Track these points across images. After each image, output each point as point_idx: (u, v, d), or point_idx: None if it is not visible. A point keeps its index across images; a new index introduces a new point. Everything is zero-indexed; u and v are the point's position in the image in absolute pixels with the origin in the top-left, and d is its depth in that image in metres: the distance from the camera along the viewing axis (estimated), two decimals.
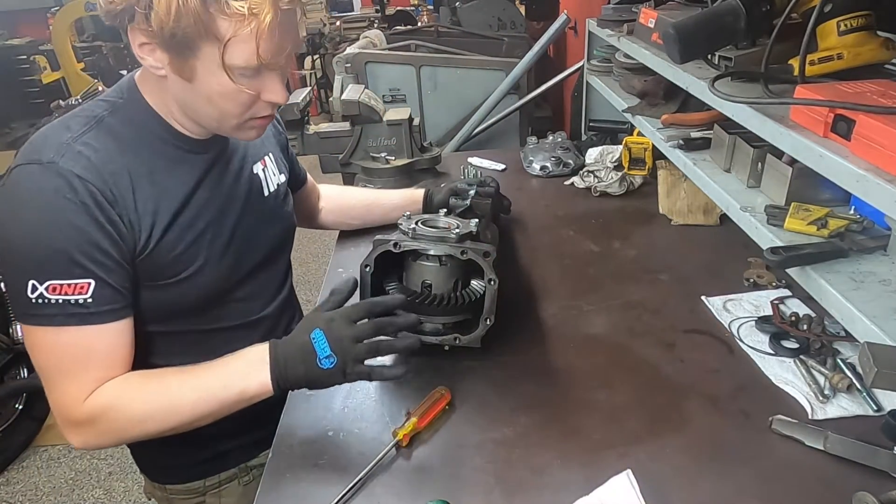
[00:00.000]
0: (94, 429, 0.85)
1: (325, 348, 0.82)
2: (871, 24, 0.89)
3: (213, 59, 0.78)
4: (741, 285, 1.23)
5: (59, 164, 0.79)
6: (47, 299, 0.78)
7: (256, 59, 0.78)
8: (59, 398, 0.84)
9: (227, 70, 0.79)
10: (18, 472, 2.53)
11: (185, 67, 0.80)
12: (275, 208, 1.08)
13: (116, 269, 0.83)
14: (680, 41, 0.97)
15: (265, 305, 1.07)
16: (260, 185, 1.05)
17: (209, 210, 0.93)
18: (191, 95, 0.84)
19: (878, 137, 0.70)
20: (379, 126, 1.86)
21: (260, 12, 0.75)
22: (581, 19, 2.67)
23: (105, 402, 0.84)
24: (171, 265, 0.89)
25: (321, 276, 1.96)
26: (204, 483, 1.10)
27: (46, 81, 5.10)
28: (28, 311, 0.80)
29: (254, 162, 1.05)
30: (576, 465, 0.84)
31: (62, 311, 0.80)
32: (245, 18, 0.75)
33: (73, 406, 0.84)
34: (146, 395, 0.86)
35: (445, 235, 1.00)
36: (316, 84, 7.08)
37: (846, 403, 0.92)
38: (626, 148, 1.67)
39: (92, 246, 0.80)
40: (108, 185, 0.81)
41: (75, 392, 0.84)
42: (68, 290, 0.79)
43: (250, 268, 1.02)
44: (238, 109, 0.85)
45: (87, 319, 0.81)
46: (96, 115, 0.86)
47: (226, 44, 0.77)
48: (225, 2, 0.74)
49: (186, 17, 0.73)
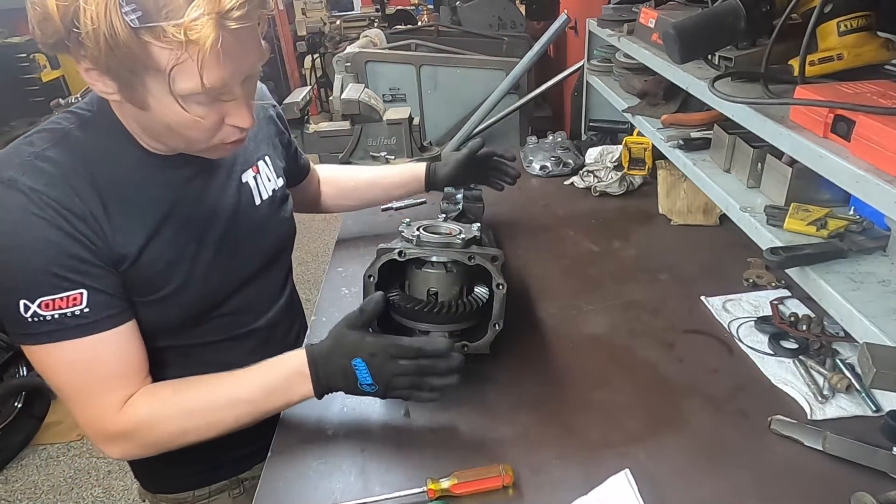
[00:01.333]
0: (132, 442, 0.85)
1: (366, 377, 0.84)
2: (872, 25, 0.89)
3: (162, 89, 0.71)
4: (741, 285, 1.23)
5: (18, 181, 0.75)
6: (42, 316, 0.76)
7: (202, 88, 0.71)
8: (86, 414, 0.83)
9: (177, 100, 0.72)
10: (17, 471, 2.53)
11: (135, 97, 0.74)
12: (269, 216, 1.03)
13: (104, 275, 0.81)
14: (680, 41, 0.97)
15: (258, 317, 1.04)
16: (251, 195, 1.00)
17: (191, 226, 0.89)
18: (150, 122, 0.79)
19: (878, 138, 0.70)
20: (379, 125, 1.86)
21: (200, 38, 0.66)
22: (581, 19, 2.67)
23: (143, 416, 0.84)
24: (152, 282, 0.86)
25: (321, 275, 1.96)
26: (193, 494, 1.10)
27: (46, 80, 5.10)
28: (27, 331, 0.77)
29: (243, 170, 0.99)
30: (574, 465, 0.84)
31: (61, 326, 0.77)
32: (182, 45, 0.66)
33: (105, 420, 0.83)
34: (186, 407, 0.85)
35: (451, 241, 0.99)
36: (316, 83, 7.07)
37: (845, 404, 0.92)
38: (626, 148, 1.67)
39: (71, 258, 0.77)
40: (73, 200, 0.77)
41: (104, 406, 0.83)
42: (62, 303, 0.77)
43: (240, 281, 0.99)
44: (202, 136, 0.80)
45: (88, 329, 0.79)
46: (62, 128, 0.82)
47: (169, 73, 0.69)
48: (160, 29, 0.66)
49: (119, 49, 0.66)
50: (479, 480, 0.80)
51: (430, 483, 0.79)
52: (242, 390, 0.86)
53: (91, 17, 0.65)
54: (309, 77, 7.12)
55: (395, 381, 0.84)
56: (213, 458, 1.07)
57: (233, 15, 0.67)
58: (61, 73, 5.20)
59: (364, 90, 1.88)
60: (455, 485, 0.79)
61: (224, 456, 1.08)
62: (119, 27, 0.65)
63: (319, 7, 7.83)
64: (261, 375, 0.87)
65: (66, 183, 0.78)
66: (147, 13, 0.65)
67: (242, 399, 0.86)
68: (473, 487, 0.80)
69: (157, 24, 0.65)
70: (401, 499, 0.79)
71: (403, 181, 1.39)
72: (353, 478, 0.84)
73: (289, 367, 0.87)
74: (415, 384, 0.85)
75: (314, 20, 7.51)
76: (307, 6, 7.79)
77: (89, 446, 2.64)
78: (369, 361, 0.83)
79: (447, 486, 0.79)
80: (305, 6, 7.78)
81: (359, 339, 0.85)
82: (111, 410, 0.83)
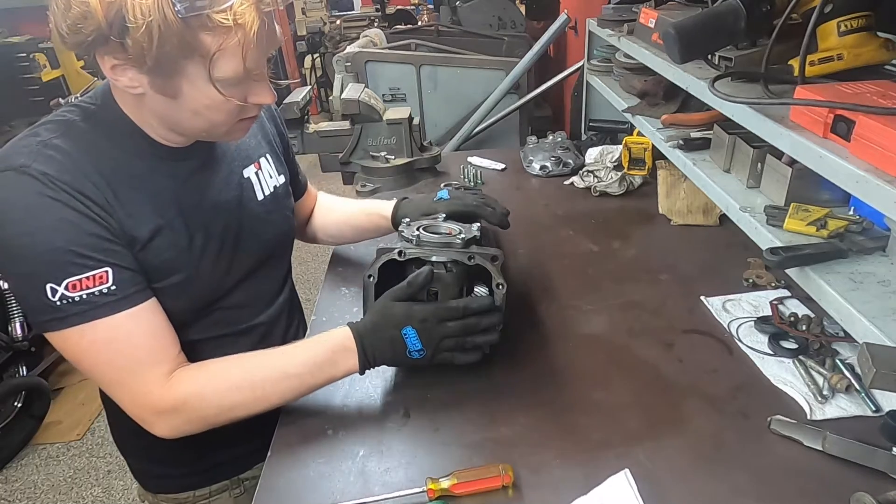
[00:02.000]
0: (180, 416, 0.85)
1: (416, 343, 0.89)
2: (872, 25, 0.89)
3: (200, 75, 0.75)
4: (740, 285, 1.23)
5: (31, 167, 0.76)
6: (70, 298, 0.76)
7: (243, 70, 0.76)
8: (132, 393, 0.84)
9: (214, 84, 0.76)
10: (17, 470, 2.53)
11: (169, 86, 0.77)
12: (270, 212, 1.04)
13: (124, 252, 0.82)
14: (680, 41, 0.97)
15: (258, 313, 1.05)
16: (252, 190, 1.02)
17: (197, 217, 0.91)
18: (174, 111, 0.81)
19: (878, 138, 0.70)
20: (379, 125, 1.86)
21: (245, 22, 0.72)
22: (581, 19, 2.67)
23: (192, 389, 0.85)
24: (161, 268, 0.87)
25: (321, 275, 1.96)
26: (194, 494, 1.10)
27: (46, 79, 5.09)
28: (55, 316, 0.77)
29: (244, 166, 1.01)
30: (574, 465, 0.84)
31: (91, 305, 0.78)
32: (231, 30, 0.72)
33: (152, 395, 0.83)
34: (234, 381, 0.87)
35: (450, 241, 0.99)
36: (316, 83, 7.07)
37: (845, 404, 0.92)
38: (625, 148, 1.67)
39: (92, 236, 0.78)
40: (85, 184, 0.79)
41: (148, 381, 0.83)
42: (88, 283, 0.77)
43: (242, 275, 1.00)
44: (227, 118, 0.83)
45: (118, 306, 0.80)
46: (67, 119, 0.83)
47: (212, 58, 0.74)
48: (207, 16, 0.70)
49: (170, 40, 0.70)
50: (479, 480, 0.80)
51: (430, 483, 0.79)
52: (289, 364, 0.89)
53: (141, 10, 0.68)
54: (309, 77, 7.12)
55: (443, 343, 0.90)
56: (214, 458, 1.08)
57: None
58: (61, 73, 5.19)
59: (364, 90, 1.88)
60: (455, 485, 0.79)
61: (224, 456, 1.08)
62: (170, 17, 0.69)
63: (319, 7, 7.84)
64: (306, 350, 0.90)
65: (77, 169, 0.79)
66: (193, 2, 0.69)
67: (289, 374, 0.88)
68: (473, 487, 0.80)
69: (203, 13, 0.70)
70: (400, 498, 0.79)
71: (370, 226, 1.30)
72: (353, 477, 0.84)
73: (334, 341, 0.90)
74: (459, 345, 0.92)
75: (314, 20, 7.51)
76: (307, 6, 7.79)
77: (89, 446, 2.64)
78: (421, 328, 0.89)
79: (447, 485, 0.79)
80: (305, 6, 7.78)
81: (407, 309, 0.90)
82: (157, 385, 0.83)
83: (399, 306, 0.90)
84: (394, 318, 0.90)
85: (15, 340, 2.61)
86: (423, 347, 0.89)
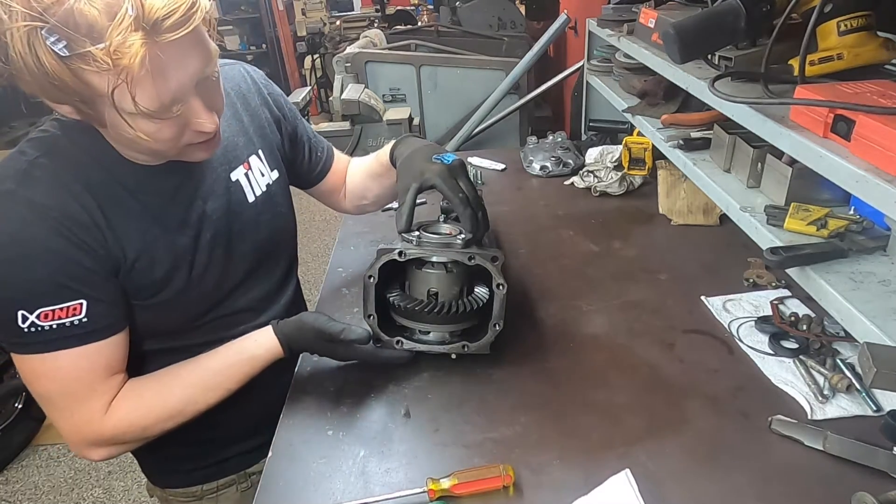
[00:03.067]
0: (114, 447, 0.88)
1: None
2: (871, 25, 0.89)
3: (111, 109, 0.69)
4: (741, 285, 1.23)
5: (17, 193, 0.74)
6: (40, 327, 0.76)
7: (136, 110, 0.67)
8: (73, 421, 0.84)
9: (125, 120, 0.69)
10: (18, 472, 2.53)
11: (92, 117, 0.72)
12: (262, 213, 1.01)
13: (104, 284, 0.80)
14: (680, 41, 0.97)
15: (258, 315, 1.04)
16: (242, 193, 0.98)
17: (185, 231, 0.89)
18: (116, 137, 0.77)
19: (878, 138, 0.70)
20: (379, 125, 1.86)
21: (128, 61, 0.62)
22: (581, 19, 2.67)
23: (125, 417, 0.85)
24: (150, 286, 0.86)
25: (321, 275, 1.96)
26: (202, 488, 1.10)
27: None
28: (21, 341, 0.76)
29: (232, 169, 0.97)
30: (575, 465, 0.84)
31: (59, 335, 0.77)
32: (112, 70, 0.63)
33: (92, 425, 0.84)
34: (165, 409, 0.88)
35: (451, 241, 0.99)
36: (316, 83, 7.08)
37: (845, 404, 0.92)
38: (626, 148, 1.66)
39: (75, 265, 0.77)
40: (73, 207, 0.77)
41: (91, 411, 0.83)
42: (61, 314, 0.76)
43: (238, 279, 0.99)
44: (167, 145, 0.77)
45: (87, 339, 0.79)
46: (50, 135, 0.80)
47: (111, 95, 0.66)
48: (90, 55, 0.62)
49: (53, 80, 0.64)
50: (480, 480, 0.80)
51: (431, 483, 0.79)
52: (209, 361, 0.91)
53: (18, 52, 0.62)
54: (309, 77, 7.12)
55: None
56: (222, 453, 1.08)
57: (163, 27, 0.64)
58: None
59: (364, 90, 1.88)
60: (455, 485, 0.79)
61: (232, 450, 1.09)
62: (46, 59, 0.62)
63: (319, 7, 7.84)
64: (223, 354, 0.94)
65: (65, 190, 0.77)
66: (72, 40, 0.62)
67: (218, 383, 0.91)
68: (474, 488, 0.80)
69: (85, 50, 0.62)
70: (401, 499, 0.79)
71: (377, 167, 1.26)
72: (354, 478, 0.84)
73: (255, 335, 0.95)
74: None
75: (314, 20, 7.51)
76: (307, 6, 7.79)
77: None
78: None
79: (447, 486, 0.79)
80: (305, 6, 7.78)
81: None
82: (98, 415, 0.84)
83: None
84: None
85: None
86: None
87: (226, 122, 0.97)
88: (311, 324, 0.94)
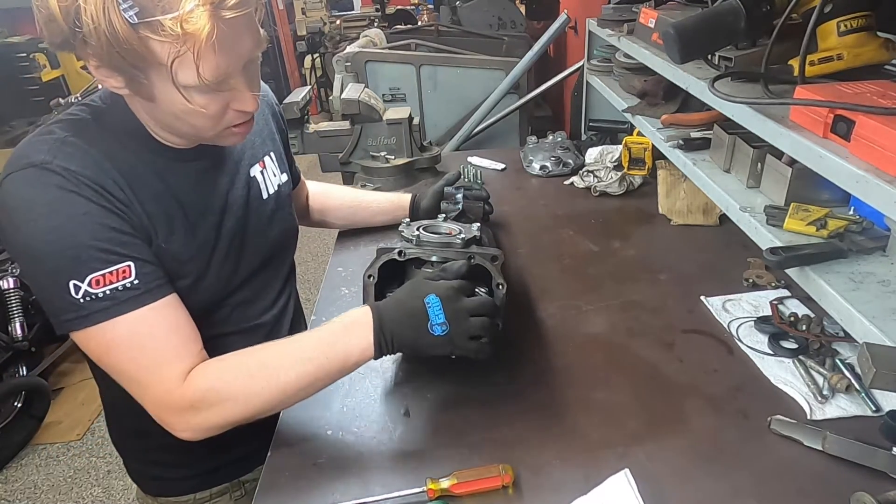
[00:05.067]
0: (199, 414, 0.82)
1: (439, 315, 0.83)
2: (872, 25, 0.89)
3: (165, 80, 0.73)
4: (740, 285, 1.23)
5: (53, 163, 0.76)
6: (94, 294, 0.76)
7: (198, 80, 0.71)
8: (152, 392, 0.82)
9: (180, 91, 0.73)
10: (17, 471, 2.53)
11: (142, 90, 0.75)
12: (275, 210, 1.05)
13: (144, 246, 0.82)
14: (680, 41, 0.97)
15: (264, 311, 1.06)
16: (259, 189, 1.02)
17: (208, 217, 0.92)
18: (159, 114, 0.81)
19: (878, 138, 0.70)
20: (379, 125, 1.86)
21: (196, 30, 0.67)
22: (581, 19, 2.67)
23: (206, 386, 0.81)
24: (175, 270, 0.87)
25: (321, 275, 1.96)
26: (194, 497, 1.09)
27: (46, 79, 5.09)
28: (80, 314, 0.76)
29: (251, 165, 1.01)
30: (574, 465, 0.84)
31: (114, 301, 0.77)
32: (179, 38, 0.67)
33: (171, 394, 0.81)
34: (248, 372, 0.83)
35: (450, 241, 0.99)
36: (316, 83, 7.07)
37: (845, 404, 0.92)
38: (625, 148, 1.67)
39: (114, 231, 0.78)
40: (105, 181, 0.79)
41: (168, 379, 0.81)
42: (112, 277, 0.77)
43: (249, 272, 1.01)
44: (209, 123, 0.81)
45: (141, 301, 0.79)
46: (81, 118, 0.83)
47: (171, 66, 0.70)
48: (158, 24, 0.66)
49: (120, 46, 0.68)
50: (479, 480, 0.80)
51: (430, 483, 0.79)
52: (303, 349, 0.85)
53: (91, 15, 0.66)
54: (309, 77, 7.12)
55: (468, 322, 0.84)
56: (214, 461, 1.07)
57: (227, 4, 0.68)
58: (61, 73, 5.19)
59: (364, 90, 1.88)
60: (455, 485, 0.79)
61: (225, 458, 1.08)
62: (118, 24, 0.66)
63: (319, 7, 7.84)
64: (320, 331, 0.87)
65: (97, 165, 0.79)
66: (144, 8, 0.66)
67: (303, 357, 0.84)
68: (473, 487, 0.80)
69: (155, 19, 0.66)
70: (400, 499, 0.79)
71: (389, 208, 1.44)
72: (353, 478, 0.84)
73: (349, 317, 0.87)
74: (485, 327, 0.85)
75: (314, 20, 7.51)
76: (307, 6, 7.79)
77: (89, 446, 2.64)
78: (445, 296, 0.84)
79: (447, 485, 0.79)
80: (305, 6, 7.78)
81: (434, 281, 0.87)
82: (176, 383, 0.81)
83: (426, 282, 0.87)
84: (418, 289, 0.86)
85: (15, 340, 2.61)
86: (447, 321, 0.82)
87: None
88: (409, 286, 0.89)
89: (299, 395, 0.85)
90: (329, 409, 0.96)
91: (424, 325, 0.83)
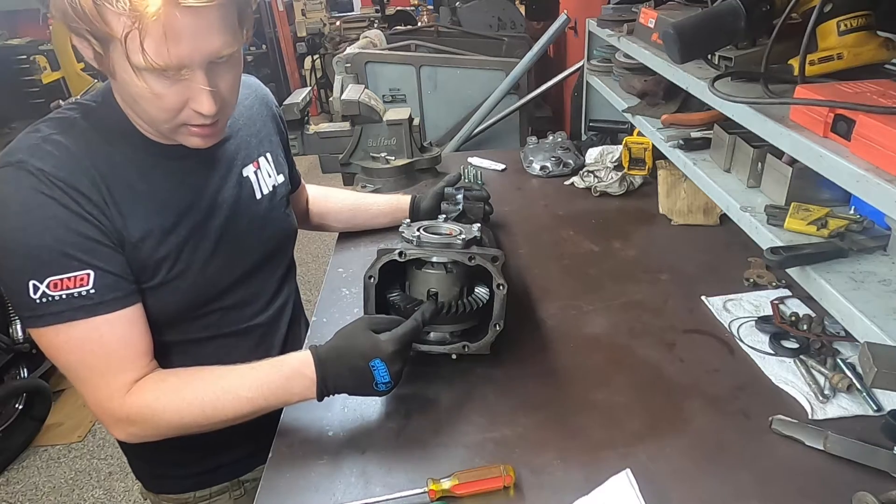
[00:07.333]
0: (135, 426, 0.86)
1: (385, 376, 0.85)
2: (871, 24, 0.89)
3: (122, 56, 0.72)
4: (741, 285, 1.23)
5: (28, 163, 0.77)
6: (51, 297, 0.78)
7: (143, 61, 0.70)
8: (93, 395, 0.85)
9: (134, 70, 0.73)
10: (18, 472, 2.53)
11: (104, 63, 0.75)
12: (269, 211, 1.04)
13: (112, 256, 0.82)
14: (680, 41, 0.97)
15: (259, 313, 1.05)
16: (251, 189, 1.02)
17: (192, 216, 0.91)
18: (123, 95, 0.82)
19: (878, 137, 0.70)
20: (379, 126, 1.86)
21: (144, 7, 0.66)
22: (581, 19, 2.67)
23: (144, 403, 0.84)
24: (151, 268, 0.87)
25: (321, 275, 1.96)
26: (194, 495, 1.10)
27: (46, 81, 5.09)
28: (35, 313, 0.79)
29: (244, 165, 1.01)
30: (575, 465, 0.84)
31: (68, 306, 0.79)
32: (129, 14, 0.67)
33: (112, 402, 0.84)
34: (187, 397, 0.85)
35: (451, 242, 0.99)
36: (316, 84, 7.08)
37: (846, 403, 0.92)
38: (626, 148, 1.67)
39: (81, 237, 0.79)
40: (81, 181, 0.80)
41: (109, 389, 0.84)
42: (69, 283, 0.78)
43: (240, 274, 1.00)
44: (163, 115, 0.80)
45: (94, 310, 0.80)
46: (68, 117, 0.84)
47: (124, 41, 0.69)
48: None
49: (78, 11, 0.69)
50: (480, 481, 0.80)
51: (431, 483, 0.79)
52: (243, 385, 0.86)
53: None
54: (309, 78, 7.13)
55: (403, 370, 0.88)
56: (215, 460, 1.08)
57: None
58: (62, 75, 5.19)
59: (364, 91, 1.88)
60: (456, 485, 0.79)
61: (225, 457, 1.08)
62: None
63: (319, 8, 7.84)
64: (262, 373, 0.87)
65: (74, 164, 0.80)
66: None
67: (241, 396, 0.86)
68: (474, 488, 0.80)
69: None
70: (402, 499, 0.79)
71: (388, 210, 1.44)
72: (354, 478, 0.84)
73: (289, 367, 0.87)
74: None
75: (314, 21, 7.52)
76: (307, 7, 7.79)
77: (90, 448, 2.64)
78: (390, 360, 0.85)
79: (448, 486, 0.79)
80: (305, 7, 7.79)
81: (376, 341, 0.86)
82: (118, 393, 0.84)
83: (369, 337, 0.86)
84: (360, 349, 0.85)
85: (16, 342, 2.61)
86: (392, 380, 0.86)
87: (242, 121, 1.03)
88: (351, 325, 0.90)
89: (231, 423, 0.87)
90: (330, 409, 0.96)
91: (369, 383, 0.86)
